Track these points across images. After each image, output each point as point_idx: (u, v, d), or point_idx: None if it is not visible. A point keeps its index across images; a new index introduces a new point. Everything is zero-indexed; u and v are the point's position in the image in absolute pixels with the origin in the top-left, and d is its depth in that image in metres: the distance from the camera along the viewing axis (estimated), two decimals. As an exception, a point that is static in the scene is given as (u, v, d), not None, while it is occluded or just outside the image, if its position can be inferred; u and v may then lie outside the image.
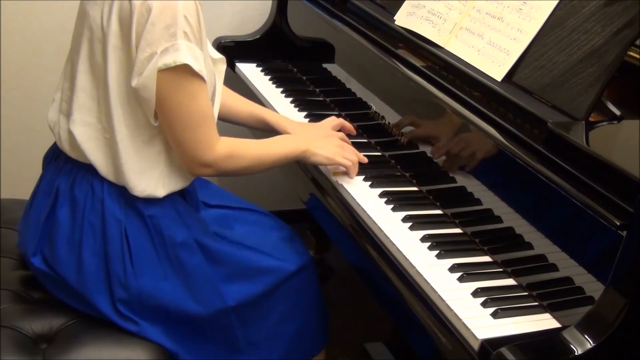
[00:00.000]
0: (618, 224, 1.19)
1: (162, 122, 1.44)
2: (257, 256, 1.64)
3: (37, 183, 1.61)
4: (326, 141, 1.71)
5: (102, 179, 1.49)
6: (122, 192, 1.49)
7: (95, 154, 1.47)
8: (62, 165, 1.53)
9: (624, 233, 1.18)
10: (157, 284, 1.51)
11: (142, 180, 1.48)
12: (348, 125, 1.85)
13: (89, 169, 1.49)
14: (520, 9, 1.60)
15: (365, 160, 1.73)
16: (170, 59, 1.35)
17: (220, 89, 1.57)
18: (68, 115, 1.49)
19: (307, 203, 1.89)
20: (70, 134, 1.47)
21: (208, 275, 1.56)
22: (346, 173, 1.70)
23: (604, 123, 1.45)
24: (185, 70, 1.37)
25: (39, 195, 1.56)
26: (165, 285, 1.52)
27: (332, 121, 1.84)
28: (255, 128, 1.88)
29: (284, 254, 1.69)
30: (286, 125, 1.81)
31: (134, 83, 1.38)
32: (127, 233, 1.49)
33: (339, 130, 1.83)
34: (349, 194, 1.66)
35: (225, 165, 1.52)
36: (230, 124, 1.87)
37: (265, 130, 1.85)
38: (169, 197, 1.53)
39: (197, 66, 1.38)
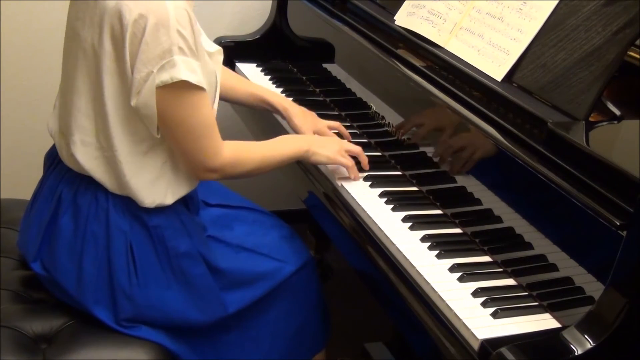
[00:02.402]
0: (618, 224, 1.19)
1: (165, 135, 1.44)
2: (256, 259, 1.65)
3: (39, 185, 1.60)
4: (327, 141, 1.72)
5: (107, 190, 1.48)
6: (126, 203, 1.49)
7: (98, 172, 1.47)
8: (65, 173, 1.52)
9: (624, 233, 1.18)
10: (160, 294, 1.51)
11: (150, 192, 1.48)
12: (345, 131, 1.86)
13: (92, 180, 1.49)
14: (520, 9, 1.60)
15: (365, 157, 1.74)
16: (167, 76, 1.34)
17: (220, 80, 1.57)
18: (69, 135, 1.48)
19: (307, 203, 1.89)
20: (73, 156, 1.47)
21: (210, 285, 1.56)
22: (348, 177, 1.71)
23: (604, 123, 1.45)
24: (183, 85, 1.36)
25: (40, 199, 1.56)
26: (169, 294, 1.52)
27: (332, 123, 1.87)
28: (254, 107, 1.91)
29: (283, 254, 1.69)
30: (286, 105, 1.85)
31: (133, 102, 1.37)
32: (132, 244, 1.49)
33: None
34: (349, 194, 1.66)
35: (231, 170, 1.53)
36: (230, 126, 1.87)
37: (265, 109, 1.89)
38: (173, 206, 1.53)
39: (195, 79, 1.37)
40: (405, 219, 1.57)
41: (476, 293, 1.36)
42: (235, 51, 2.32)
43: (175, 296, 1.52)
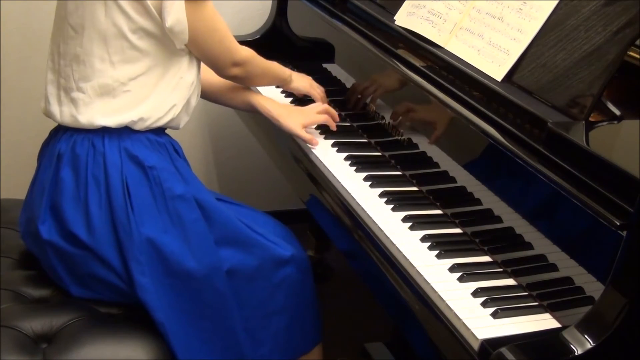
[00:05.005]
0: (618, 224, 1.19)
1: (196, 48, 1.60)
2: (250, 231, 1.68)
3: (35, 172, 1.63)
4: (302, 76, 1.97)
5: (102, 135, 1.54)
6: (122, 143, 1.54)
7: (119, 113, 1.54)
8: (61, 135, 1.58)
9: (624, 233, 1.18)
10: (157, 235, 1.55)
11: (168, 104, 1.58)
12: (333, 111, 1.90)
13: (89, 129, 1.54)
14: (520, 9, 1.60)
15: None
16: None
17: None
18: (81, 89, 1.54)
19: (307, 203, 1.89)
20: (87, 107, 1.53)
21: (205, 232, 1.60)
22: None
23: (604, 123, 1.45)
24: None
25: (41, 172, 1.60)
26: (165, 237, 1.56)
27: (317, 106, 1.90)
28: (243, 110, 1.96)
29: (278, 241, 1.72)
30: (268, 106, 1.86)
31: (167, 23, 1.50)
32: (128, 182, 1.54)
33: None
34: (349, 194, 1.66)
35: (250, 65, 1.74)
36: (230, 125, 1.87)
37: (251, 111, 1.91)
38: (166, 152, 1.60)
39: None
40: (405, 219, 1.57)
41: (476, 293, 1.36)
42: (235, 51, 2.32)
43: (171, 240, 1.56)
